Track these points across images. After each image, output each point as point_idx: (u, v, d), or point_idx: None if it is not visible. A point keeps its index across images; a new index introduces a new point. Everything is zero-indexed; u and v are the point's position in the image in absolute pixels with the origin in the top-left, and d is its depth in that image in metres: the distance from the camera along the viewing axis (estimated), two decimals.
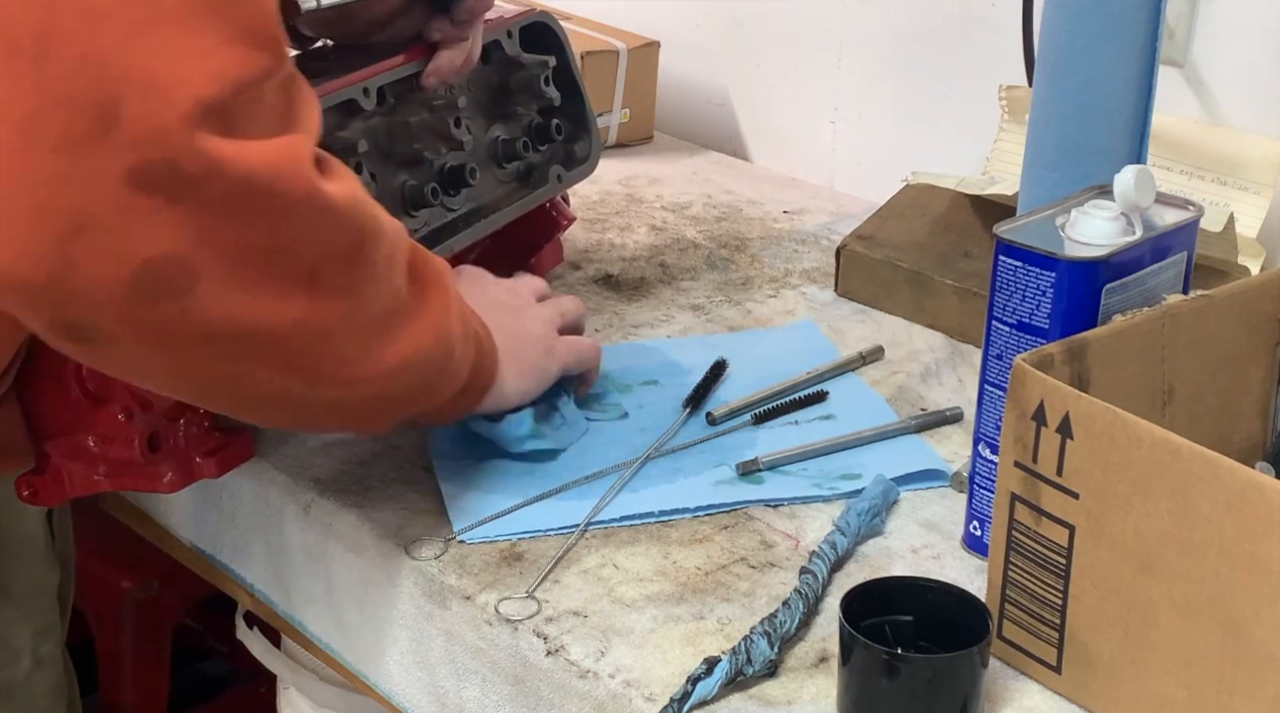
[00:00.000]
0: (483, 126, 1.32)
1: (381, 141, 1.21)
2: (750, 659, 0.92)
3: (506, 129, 1.34)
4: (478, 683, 1.01)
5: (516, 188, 1.35)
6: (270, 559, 1.15)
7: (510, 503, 1.08)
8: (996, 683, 0.94)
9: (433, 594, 1.03)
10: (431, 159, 1.24)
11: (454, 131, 1.25)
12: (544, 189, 1.35)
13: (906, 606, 0.92)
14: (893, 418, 1.20)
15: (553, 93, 1.35)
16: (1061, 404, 0.88)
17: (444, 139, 1.25)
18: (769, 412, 1.20)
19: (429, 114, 1.24)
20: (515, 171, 1.35)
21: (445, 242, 1.24)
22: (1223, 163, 1.38)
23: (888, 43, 1.66)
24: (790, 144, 1.78)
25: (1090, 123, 1.12)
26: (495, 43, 1.32)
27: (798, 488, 1.11)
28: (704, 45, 1.81)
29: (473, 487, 1.10)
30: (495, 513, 1.07)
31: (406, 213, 1.23)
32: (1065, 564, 0.90)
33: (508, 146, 1.33)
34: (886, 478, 1.09)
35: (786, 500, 1.10)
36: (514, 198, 1.33)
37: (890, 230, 1.44)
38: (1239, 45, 1.40)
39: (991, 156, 1.51)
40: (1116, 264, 0.98)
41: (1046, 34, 1.14)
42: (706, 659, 0.92)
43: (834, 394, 1.24)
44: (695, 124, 1.86)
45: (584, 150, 1.40)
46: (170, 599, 1.83)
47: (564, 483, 1.10)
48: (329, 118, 1.15)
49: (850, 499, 1.08)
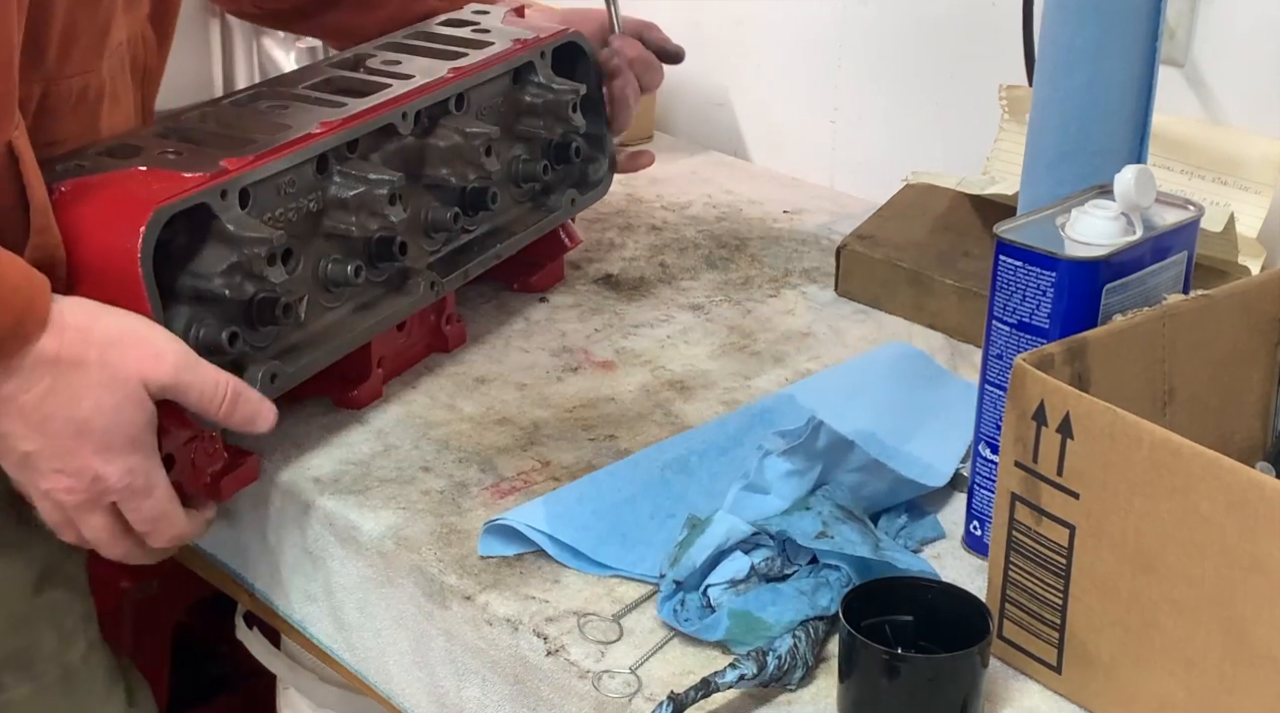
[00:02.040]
0: (505, 146, 1.31)
1: (412, 164, 1.21)
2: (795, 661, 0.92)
3: (527, 150, 1.33)
4: (478, 683, 1.01)
5: (530, 209, 1.35)
6: (270, 559, 1.15)
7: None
8: (996, 683, 0.94)
9: (433, 594, 1.03)
10: (457, 184, 1.24)
11: (484, 159, 1.24)
12: (558, 213, 1.36)
13: (906, 606, 0.92)
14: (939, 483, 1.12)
15: (579, 120, 1.34)
16: (1062, 404, 0.88)
17: (472, 166, 1.24)
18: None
19: (460, 139, 1.23)
20: (530, 191, 1.35)
21: (462, 267, 1.25)
22: (1223, 163, 1.38)
23: (888, 43, 1.66)
24: (790, 144, 1.78)
25: (1090, 123, 1.12)
26: (529, 64, 1.31)
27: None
28: (704, 45, 1.81)
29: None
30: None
31: (426, 235, 1.23)
32: (1065, 564, 0.90)
33: (527, 167, 1.32)
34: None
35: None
36: (529, 221, 1.33)
37: (890, 230, 1.44)
38: (1239, 45, 1.40)
39: (991, 156, 1.51)
40: (1116, 264, 0.98)
41: (1046, 34, 1.13)
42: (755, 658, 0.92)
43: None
44: (695, 124, 1.86)
45: (598, 173, 1.40)
46: (170, 599, 1.83)
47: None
48: (365, 142, 1.16)
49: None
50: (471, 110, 1.26)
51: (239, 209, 1.04)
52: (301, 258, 1.11)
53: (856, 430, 1.07)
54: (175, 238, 1.02)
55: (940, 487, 1.11)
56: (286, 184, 1.09)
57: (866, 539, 0.99)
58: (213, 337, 1.03)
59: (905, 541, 1.06)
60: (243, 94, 1.21)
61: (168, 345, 0.98)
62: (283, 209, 1.09)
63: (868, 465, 1.05)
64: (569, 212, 1.37)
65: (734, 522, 0.98)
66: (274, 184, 1.08)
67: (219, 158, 1.05)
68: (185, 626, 1.91)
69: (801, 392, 1.22)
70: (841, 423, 1.05)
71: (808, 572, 0.98)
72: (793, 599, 0.96)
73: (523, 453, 1.15)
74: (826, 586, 0.97)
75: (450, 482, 1.12)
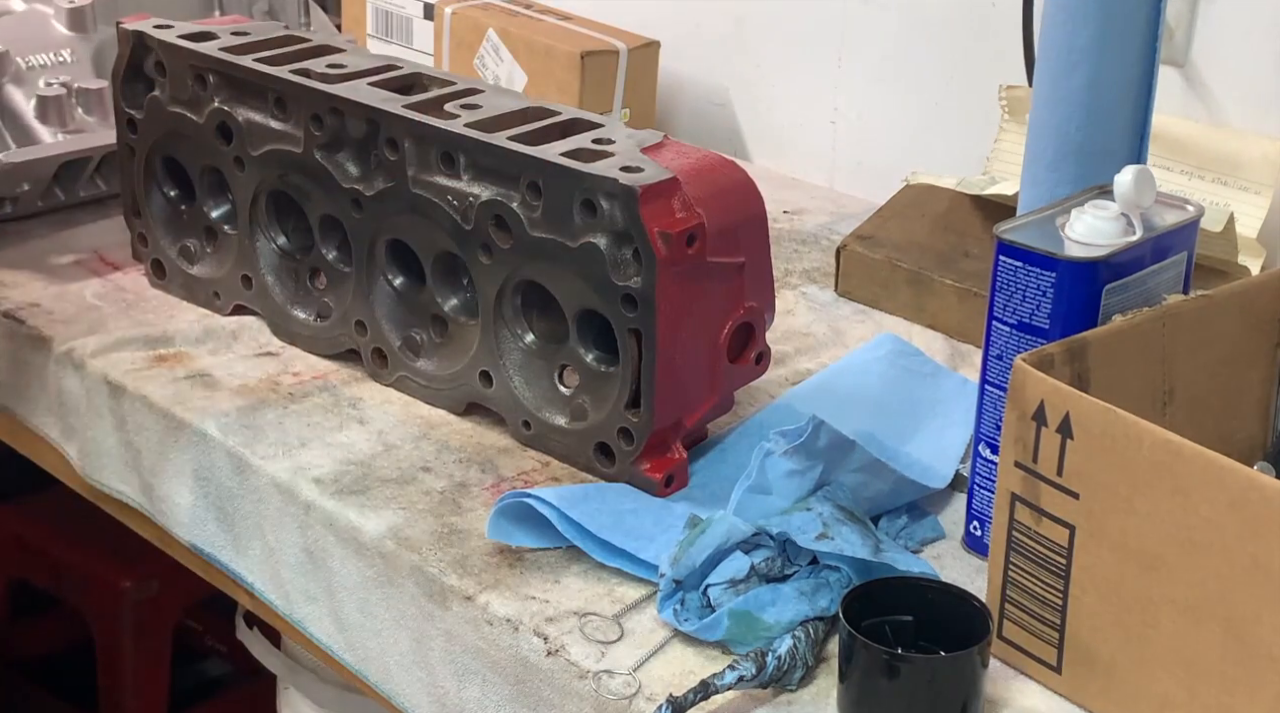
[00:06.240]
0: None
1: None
2: (794, 662, 0.92)
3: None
4: (478, 683, 1.01)
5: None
6: (270, 559, 1.15)
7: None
8: (996, 683, 0.94)
9: (433, 594, 1.03)
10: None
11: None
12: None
13: (906, 606, 0.92)
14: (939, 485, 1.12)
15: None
16: (1062, 404, 0.88)
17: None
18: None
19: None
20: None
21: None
22: (1223, 163, 1.38)
23: (888, 43, 1.66)
24: (790, 144, 1.78)
25: (1090, 123, 1.12)
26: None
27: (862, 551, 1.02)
28: (704, 45, 1.81)
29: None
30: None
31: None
32: (1065, 564, 0.90)
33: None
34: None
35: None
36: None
37: (890, 230, 1.44)
38: (1239, 45, 1.40)
39: (991, 157, 1.51)
40: (1116, 264, 0.98)
41: (1046, 34, 1.13)
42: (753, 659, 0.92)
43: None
44: (695, 124, 1.85)
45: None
46: (170, 599, 1.83)
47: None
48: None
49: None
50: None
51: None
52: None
53: (855, 431, 1.06)
54: None
55: (941, 488, 1.11)
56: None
57: (867, 541, 0.99)
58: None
59: (905, 541, 1.06)
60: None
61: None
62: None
63: (869, 466, 1.05)
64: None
65: (734, 522, 0.98)
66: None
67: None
68: (185, 626, 1.91)
69: (797, 398, 1.22)
70: (839, 424, 1.05)
71: (808, 572, 0.98)
72: (793, 600, 0.96)
73: (523, 453, 1.15)
74: (826, 586, 0.97)
75: (451, 482, 1.12)
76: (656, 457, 1.08)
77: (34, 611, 2.03)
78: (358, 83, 1.20)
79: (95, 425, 1.26)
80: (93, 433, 1.26)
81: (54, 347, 1.29)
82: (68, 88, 1.46)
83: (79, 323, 1.32)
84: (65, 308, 1.34)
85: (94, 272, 1.41)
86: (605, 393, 1.10)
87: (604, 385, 1.10)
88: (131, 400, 1.22)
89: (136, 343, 1.28)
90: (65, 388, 1.28)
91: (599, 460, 1.10)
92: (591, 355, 1.11)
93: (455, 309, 1.19)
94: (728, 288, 1.08)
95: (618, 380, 1.08)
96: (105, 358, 1.26)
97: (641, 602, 1.00)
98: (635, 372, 1.06)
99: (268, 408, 1.20)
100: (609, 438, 1.09)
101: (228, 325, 1.32)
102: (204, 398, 1.21)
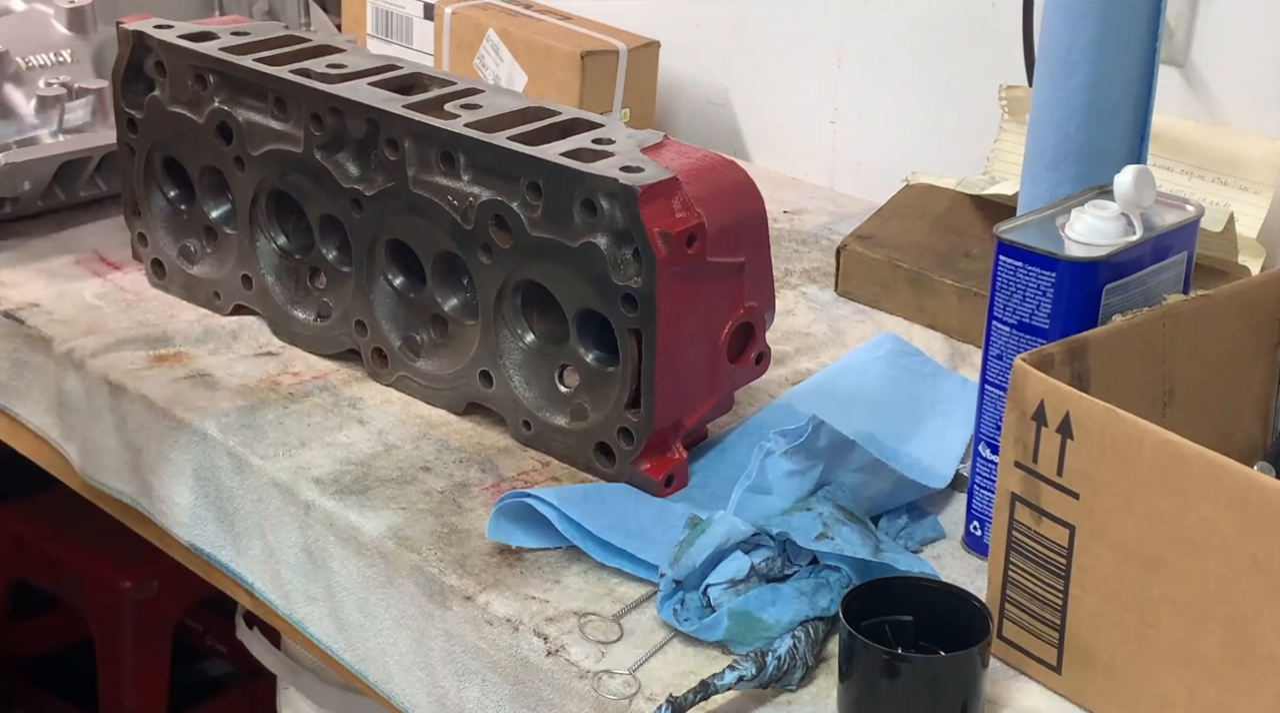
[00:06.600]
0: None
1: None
2: (794, 662, 0.92)
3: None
4: (478, 683, 1.01)
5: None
6: (270, 559, 1.15)
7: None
8: (996, 683, 0.94)
9: (433, 594, 1.03)
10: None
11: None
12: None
13: (906, 606, 0.92)
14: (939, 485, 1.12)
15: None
16: (1061, 404, 0.88)
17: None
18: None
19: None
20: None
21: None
22: (1223, 163, 1.38)
23: (888, 43, 1.66)
24: (790, 144, 1.78)
25: (1090, 123, 1.12)
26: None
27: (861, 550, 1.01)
28: (704, 45, 1.81)
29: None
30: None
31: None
32: (1065, 564, 0.90)
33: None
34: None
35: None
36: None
37: (890, 230, 1.44)
38: (1239, 45, 1.40)
39: (991, 157, 1.51)
40: (1116, 264, 0.98)
41: (1046, 34, 1.13)
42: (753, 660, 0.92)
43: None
44: (695, 124, 1.85)
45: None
46: (170, 599, 1.83)
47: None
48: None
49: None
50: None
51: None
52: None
53: (855, 431, 1.06)
54: None
55: (941, 488, 1.11)
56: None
57: (867, 541, 0.99)
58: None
59: (905, 541, 1.06)
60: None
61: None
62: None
63: (869, 466, 1.05)
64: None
65: (734, 522, 0.98)
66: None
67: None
68: (185, 626, 1.91)
69: (797, 398, 1.22)
70: (839, 424, 1.05)
71: (808, 572, 0.98)
72: (793, 600, 0.96)
73: (523, 453, 1.15)
74: (826, 587, 0.97)
75: (451, 482, 1.12)
76: (656, 457, 1.09)
77: (34, 611, 2.03)
78: (358, 83, 1.20)
79: (95, 425, 1.26)
80: (93, 433, 1.26)
81: (54, 347, 1.29)
82: (68, 88, 1.46)
83: (79, 323, 1.32)
84: (65, 308, 1.34)
85: (94, 272, 1.41)
86: (605, 393, 1.10)
87: (604, 385, 1.10)
88: (131, 400, 1.22)
89: (136, 343, 1.28)
90: (65, 388, 1.28)
91: (599, 460, 1.11)
92: (591, 355, 1.11)
93: (455, 309, 1.19)
94: (728, 288, 1.09)
95: (618, 380, 1.08)
96: (105, 358, 1.26)
97: (641, 602, 1.00)
98: (635, 372, 1.06)
99: (268, 408, 1.20)
100: (609, 438, 1.09)
101: (228, 325, 1.32)
102: (204, 398, 1.21)
